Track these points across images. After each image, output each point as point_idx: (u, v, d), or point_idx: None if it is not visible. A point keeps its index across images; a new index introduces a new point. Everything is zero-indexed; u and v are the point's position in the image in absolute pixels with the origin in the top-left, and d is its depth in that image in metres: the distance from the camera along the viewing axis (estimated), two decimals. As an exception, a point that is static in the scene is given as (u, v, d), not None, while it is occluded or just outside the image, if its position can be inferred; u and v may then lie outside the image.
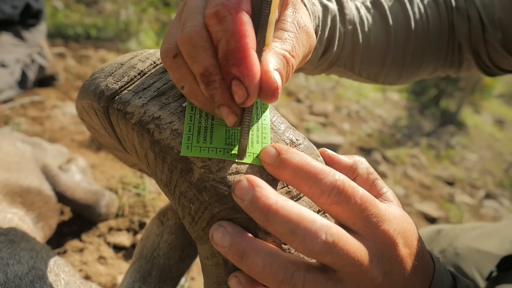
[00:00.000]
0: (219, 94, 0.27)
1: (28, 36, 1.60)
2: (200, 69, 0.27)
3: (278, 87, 0.27)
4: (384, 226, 0.28)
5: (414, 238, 0.31)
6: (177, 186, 0.32)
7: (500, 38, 0.55)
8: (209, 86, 0.27)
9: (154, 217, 0.51)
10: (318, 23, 0.46)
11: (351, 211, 0.28)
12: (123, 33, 2.82)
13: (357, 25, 0.54)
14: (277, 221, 0.25)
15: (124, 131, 0.35)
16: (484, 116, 5.13)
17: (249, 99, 0.26)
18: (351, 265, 0.26)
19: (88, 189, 0.90)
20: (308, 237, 0.25)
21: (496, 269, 0.59)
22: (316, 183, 0.27)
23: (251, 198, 0.26)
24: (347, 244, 0.26)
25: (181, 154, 0.30)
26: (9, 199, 0.66)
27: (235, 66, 0.26)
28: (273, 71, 0.27)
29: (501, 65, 0.59)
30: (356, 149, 2.51)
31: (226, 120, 0.29)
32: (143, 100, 0.33)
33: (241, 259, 0.27)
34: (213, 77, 0.27)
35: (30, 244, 0.53)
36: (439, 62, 0.62)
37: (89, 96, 0.38)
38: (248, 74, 0.26)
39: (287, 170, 0.28)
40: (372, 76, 0.61)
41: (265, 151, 0.29)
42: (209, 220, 0.30)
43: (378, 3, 0.57)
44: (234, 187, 0.27)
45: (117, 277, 0.80)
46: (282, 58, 0.29)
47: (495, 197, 2.63)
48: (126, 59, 0.38)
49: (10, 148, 0.78)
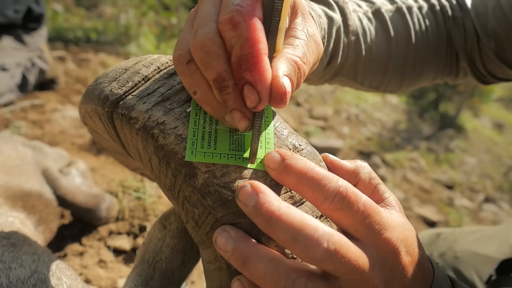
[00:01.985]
0: (232, 99, 0.28)
1: (29, 40, 1.60)
2: (213, 75, 0.28)
3: (286, 92, 0.27)
4: (386, 234, 0.29)
5: (415, 246, 0.31)
6: (181, 190, 0.32)
7: (493, 47, 0.57)
8: (223, 91, 0.28)
9: (156, 221, 0.51)
10: (324, 35, 0.47)
11: (354, 218, 0.28)
12: (123, 36, 2.82)
13: (360, 36, 0.55)
14: (279, 227, 0.26)
15: (128, 136, 0.35)
16: (483, 120, 5.14)
17: (260, 104, 0.27)
18: (353, 272, 0.27)
19: (89, 193, 0.90)
20: (310, 244, 0.25)
21: (495, 273, 0.59)
22: (320, 188, 0.28)
23: (255, 204, 0.26)
24: (348, 252, 0.26)
25: (186, 159, 0.30)
26: (10, 202, 0.66)
27: (248, 71, 0.26)
28: (283, 76, 0.27)
29: (495, 73, 0.61)
30: (355, 152, 2.51)
31: (238, 124, 0.29)
32: (148, 105, 0.33)
33: (243, 264, 0.27)
34: (226, 82, 0.28)
35: (32, 248, 0.53)
36: (439, 70, 0.63)
37: (93, 101, 0.38)
38: (261, 79, 0.26)
39: (291, 175, 0.28)
40: (374, 85, 0.62)
41: (270, 156, 0.30)
42: (213, 225, 0.31)
43: (379, 14, 0.58)
44: (238, 192, 0.27)
45: (117, 281, 0.80)
46: (293, 64, 0.29)
47: (494, 201, 2.63)
48: (130, 64, 0.38)
49: (11, 152, 0.78)
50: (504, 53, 0.56)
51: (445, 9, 0.60)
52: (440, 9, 0.60)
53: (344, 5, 0.53)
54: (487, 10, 0.57)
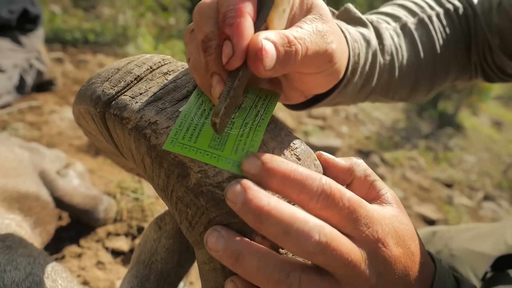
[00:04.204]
0: (212, 61, 0.28)
1: (25, 41, 1.60)
2: (201, 36, 0.28)
3: (262, 48, 0.26)
4: (373, 227, 0.28)
5: (407, 238, 0.30)
6: (174, 191, 0.32)
7: (498, 43, 0.58)
8: (206, 52, 0.28)
9: (152, 222, 0.51)
10: (357, 60, 0.47)
11: (340, 214, 0.28)
12: (121, 37, 2.82)
13: (394, 55, 0.55)
14: (270, 222, 0.25)
15: (121, 136, 0.35)
16: (482, 118, 5.15)
17: (233, 58, 0.26)
18: (345, 266, 0.26)
19: (86, 194, 0.90)
20: (302, 237, 0.25)
21: (490, 270, 0.59)
22: (304, 189, 0.27)
23: (243, 200, 0.26)
24: (340, 244, 0.26)
25: (163, 147, 0.30)
26: (7, 205, 0.66)
27: (228, 25, 0.27)
28: (263, 39, 0.27)
29: (506, 69, 0.62)
30: (354, 152, 2.51)
31: (214, 89, 0.29)
32: (140, 105, 0.33)
33: (236, 261, 0.27)
34: (210, 42, 0.28)
35: (28, 250, 0.52)
36: (458, 71, 0.64)
37: (85, 101, 0.38)
38: (237, 33, 0.26)
39: (275, 179, 0.28)
40: (403, 97, 0.63)
41: (248, 161, 0.28)
42: (206, 225, 0.30)
43: (406, 28, 0.58)
44: (226, 191, 0.27)
45: (115, 282, 0.80)
46: (284, 37, 0.28)
47: (493, 199, 2.64)
48: (123, 64, 0.38)
49: (8, 154, 0.78)
50: (509, 49, 0.57)
51: (458, 11, 0.61)
52: (454, 11, 0.61)
53: (379, 25, 0.53)
54: (492, 6, 0.58)
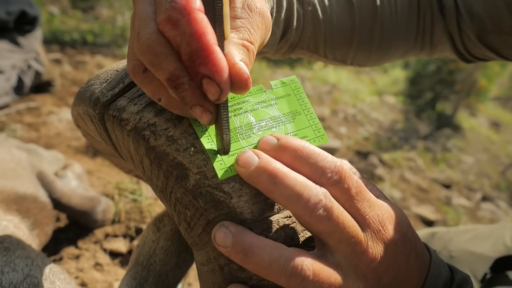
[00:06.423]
0: (189, 95, 0.27)
1: (24, 42, 1.60)
2: (166, 75, 0.26)
3: (248, 77, 0.27)
4: (375, 211, 0.30)
5: (403, 225, 0.32)
6: (173, 192, 0.32)
7: (476, 29, 0.55)
8: (179, 89, 0.27)
9: (150, 223, 0.51)
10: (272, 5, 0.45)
11: (347, 194, 0.29)
12: (119, 38, 2.82)
13: (316, 6, 0.53)
14: (285, 184, 0.27)
15: (120, 138, 0.35)
16: (480, 119, 5.16)
17: (222, 95, 0.26)
18: (346, 240, 0.28)
19: (84, 195, 0.90)
20: (313, 199, 0.27)
21: (490, 271, 0.59)
22: (318, 163, 0.29)
23: (258, 164, 0.28)
24: (342, 215, 0.28)
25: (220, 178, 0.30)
26: (4, 206, 0.66)
27: (202, 65, 0.25)
28: (239, 62, 0.27)
29: (474, 53, 0.59)
30: (353, 152, 2.51)
31: (201, 119, 0.28)
32: (139, 106, 0.33)
33: (245, 256, 0.27)
34: (180, 79, 0.26)
35: (26, 252, 0.52)
36: (409, 44, 0.61)
37: (84, 103, 0.38)
38: (217, 70, 0.25)
39: (287, 152, 0.29)
40: (339, 57, 0.61)
41: (265, 139, 0.30)
42: (205, 226, 0.30)
43: None
44: (238, 158, 0.28)
45: (113, 283, 0.80)
46: (243, 48, 0.29)
47: (492, 200, 2.64)
48: (122, 66, 0.38)
49: (6, 155, 0.78)
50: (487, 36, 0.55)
51: None
52: None
53: None
54: None
